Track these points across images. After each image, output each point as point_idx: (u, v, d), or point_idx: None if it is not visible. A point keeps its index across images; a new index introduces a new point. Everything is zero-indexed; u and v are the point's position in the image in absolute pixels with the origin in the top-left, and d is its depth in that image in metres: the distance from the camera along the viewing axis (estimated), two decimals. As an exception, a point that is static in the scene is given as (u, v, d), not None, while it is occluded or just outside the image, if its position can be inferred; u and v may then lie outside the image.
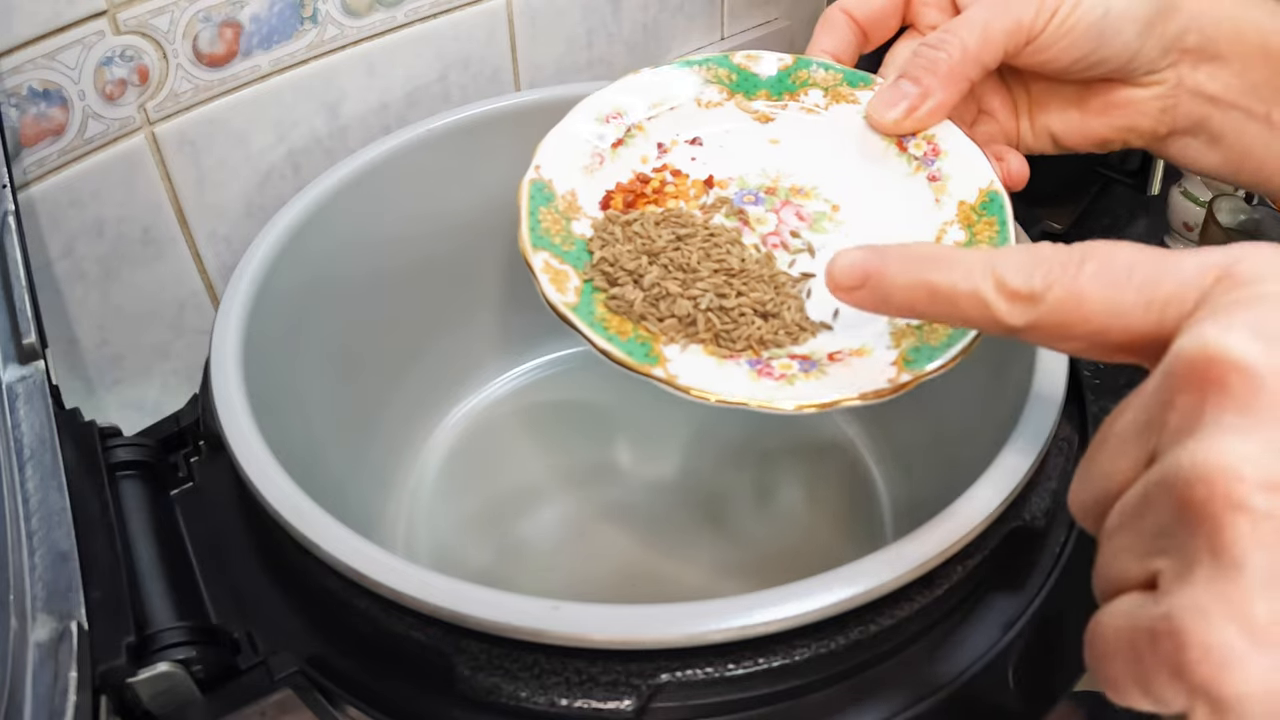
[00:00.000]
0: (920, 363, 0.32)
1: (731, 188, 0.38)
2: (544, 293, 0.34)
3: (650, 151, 0.40)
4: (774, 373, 0.33)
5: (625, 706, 0.29)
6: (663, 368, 0.33)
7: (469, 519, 0.52)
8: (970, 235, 0.36)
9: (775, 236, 0.37)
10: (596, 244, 0.36)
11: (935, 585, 0.32)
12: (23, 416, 0.34)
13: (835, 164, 0.38)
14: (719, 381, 0.32)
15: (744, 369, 0.33)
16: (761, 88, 0.40)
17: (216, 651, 0.32)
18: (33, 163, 0.45)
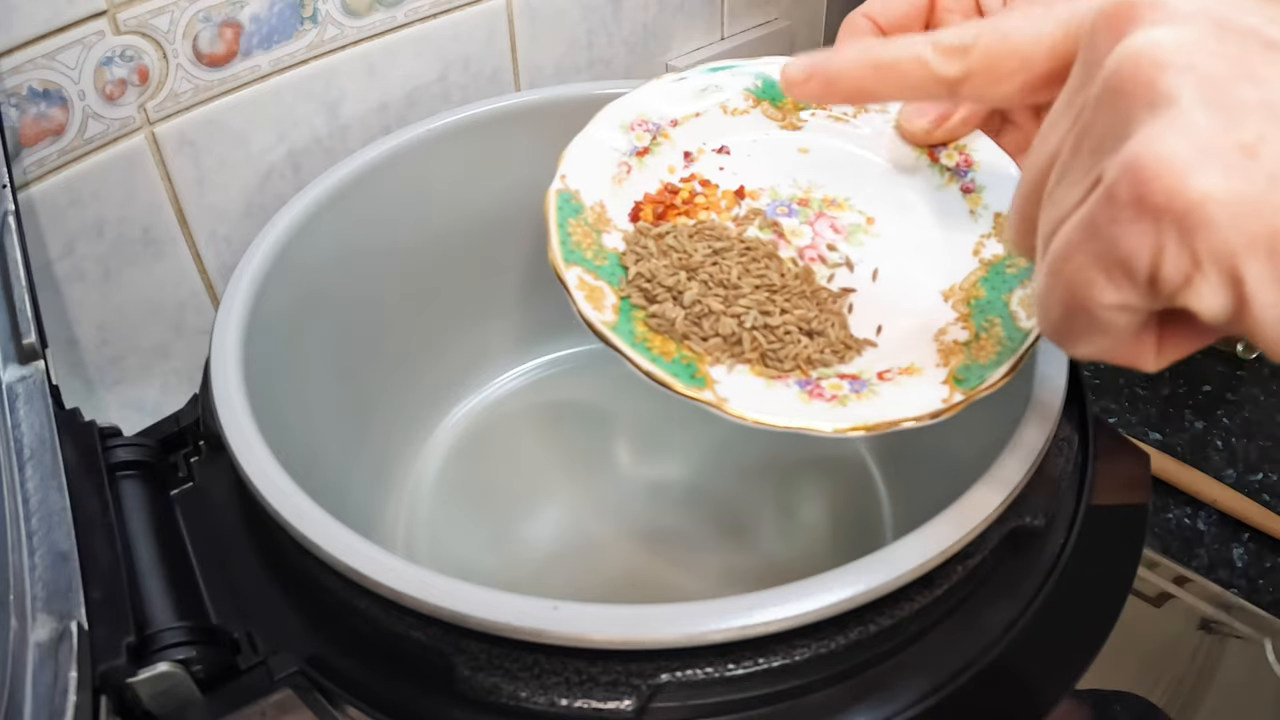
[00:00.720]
0: (971, 381, 0.32)
1: (764, 199, 0.37)
2: (581, 311, 0.34)
3: (677, 160, 0.38)
4: (825, 394, 0.32)
5: (625, 706, 0.29)
6: (711, 390, 0.31)
7: (469, 519, 0.52)
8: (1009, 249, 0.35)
9: (812, 250, 0.36)
10: (630, 258, 0.35)
11: (935, 585, 0.32)
12: (23, 416, 0.34)
13: (867, 174, 0.38)
14: (770, 404, 0.31)
15: (794, 390, 0.32)
16: (785, 98, 0.38)
17: (216, 651, 0.32)
18: (33, 163, 0.45)
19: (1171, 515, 0.57)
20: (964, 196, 0.36)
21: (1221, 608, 0.52)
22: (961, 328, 0.34)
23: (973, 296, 0.35)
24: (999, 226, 0.36)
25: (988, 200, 0.36)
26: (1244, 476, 0.59)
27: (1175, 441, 0.61)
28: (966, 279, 0.35)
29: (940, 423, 0.31)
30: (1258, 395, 0.64)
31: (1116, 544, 0.37)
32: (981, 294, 0.35)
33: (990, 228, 0.36)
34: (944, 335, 0.34)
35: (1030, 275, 0.34)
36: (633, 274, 0.35)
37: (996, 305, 0.34)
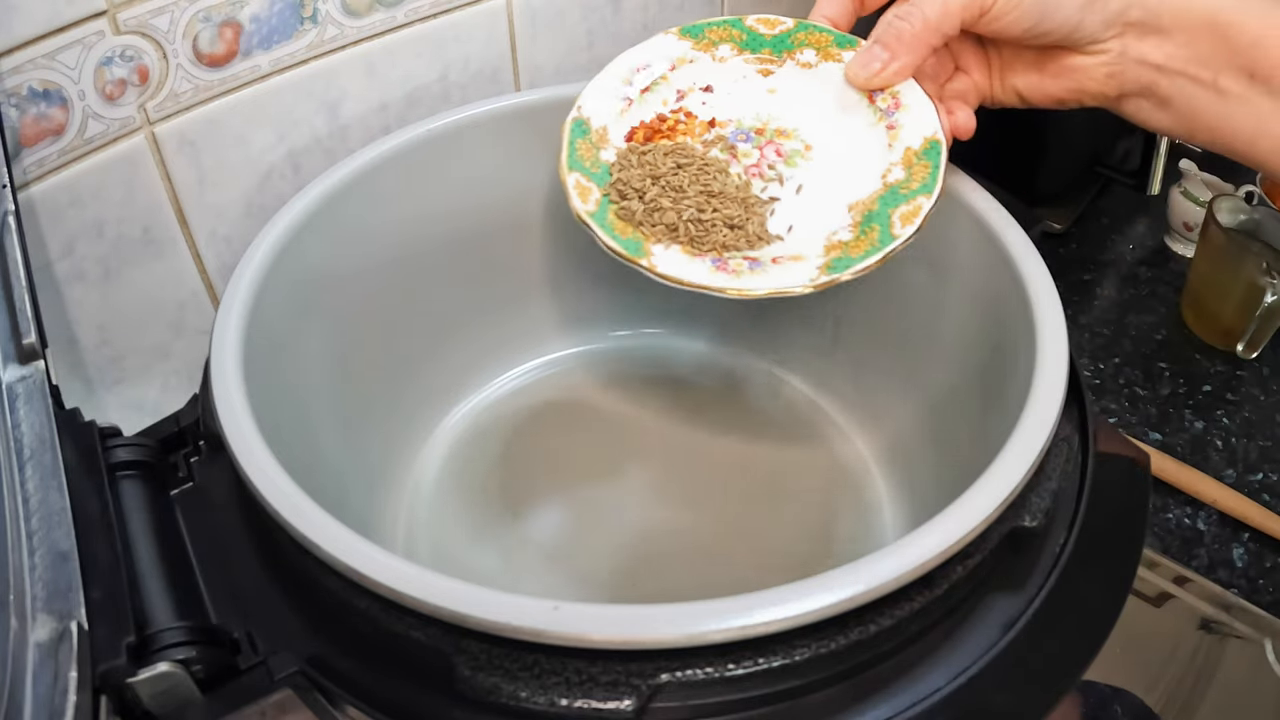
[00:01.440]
0: (838, 269, 0.41)
1: (729, 128, 0.47)
2: (571, 203, 0.43)
3: (670, 96, 0.47)
4: (728, 268, 0.42)
5: (625, 706, 0.29)
6: (647, 259, 0.42)
7: (469, 519, 0.52)
8: (908, 174, 0.43)
9: (755, 168, 0.46)
10: (616, 168, 0.45)
11: (935, 585, 0.32)
12: (23, 416, 0.34)
13: (817, 111, 0.46)
14: (687, 270, 0.42)
15: (707, 265, 0.42)
16: (765, 46, 0.47)
17: (216, 651, 0.32)
18: (33, 163, 0.45)
19: (1171, 515, 0.57)
20: (887, 132, 0.44)
21: (1221, 608, 0.52)
22: (848, 231, 0.43)
23: (868, 209, 0.44)
24: (905, 158, 0.44)
25: (904, 136, 0.44)
26: (1244, 476, 0.59)
27: (1175, 441, 0.61)
28: (869, 195, 0.44)
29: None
30: (1258, 395, 0.64)
31: (1116, 544, 0.37)
32: (875, 207, 0.43)
33: (900, 157, 0.44)
34: (834, 235, 0.43)
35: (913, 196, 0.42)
36: (615, 178, 0.45)
37: (881, 216, 0.43)
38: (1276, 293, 0.61)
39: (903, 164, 0.43)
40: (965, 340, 0.47)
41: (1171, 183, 0.75)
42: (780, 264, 0.42)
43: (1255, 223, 0.66)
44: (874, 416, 0.56)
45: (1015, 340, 0.41)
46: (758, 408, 0.58)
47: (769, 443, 0.56)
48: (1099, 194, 0.80)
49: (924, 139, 0.43)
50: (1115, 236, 0.77)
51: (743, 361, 0.61)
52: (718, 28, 0.47)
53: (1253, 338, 0.64)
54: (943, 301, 0.49)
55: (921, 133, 0.43)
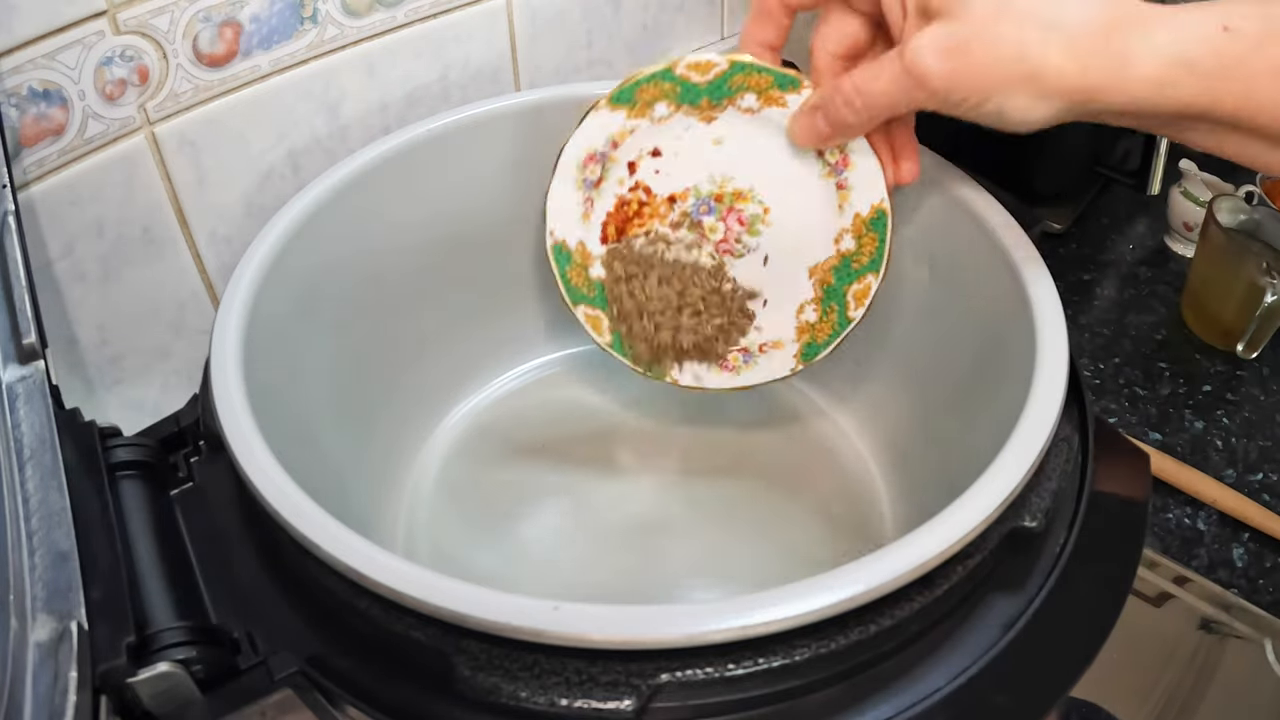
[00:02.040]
0: (809, 355, 0.49)
1: (690, 200, 0.47)
2: (590, 336, 0.49)
3: (623, 173, 0.46)
4: (729, 366, 0.50)
5: (625, 706, 0.29)
6: (669, 378, 0.50)
7: (469, 519, 0.52)
8: (858, 245, 0.46)
9: (724, 243, 0.48)
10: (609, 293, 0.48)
11: (935, 585, 0.32)
12: (23, 416, 0.34)
13: (767, 164, 0.45)
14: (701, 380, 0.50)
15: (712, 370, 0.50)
16: (702, 95, 0.44)
17: (216, 651, 0.32)
18: (33, 163, 0.45)
19: (1171, 515, 0.57)
20: (836, 191, 0.45)
21: (1221, 608, 0.52)
22: (813, 309, 0.48)
23: (825, 282, 0.47)
24: (855, 226, 0.45)
25: (854, 200, 0.45)
26: (1244, 476, 0.59)
27: (1175, 441, 0.61)
28: (825, 263, 0.47)
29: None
30: (1258, 395, 0.64)
31: (1116, 544, 0.37)
32: (831, 280, 0.47)
33: (850, 223, 0.45)
34: (801, 314, 0.48)
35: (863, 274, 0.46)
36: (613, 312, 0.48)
37: (838, 294, 0.47)
38: (1276, 293, 0.61)
39: (853, 232, 0.46)
40: (965, 340, 0.47)
41: (1171, 183, 0.75)
42: (766, 352, 0.49)
43: (1255, 223, 0.66)
44: (874, 416, 0.56)
45: (1015, 340, 0.41)
46: (757, 408, 0.58)
47: (768, 443, 0.56)
48: (1099, 194, 0.80)
49: (872, 207, 0.45)
50: (1115, 236, 0.77)
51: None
52: (648, 85, 0.43)
53: (1253, 338, 0.64)
54: (943, 301, 0.49)
55: (870, 200, 0.44)
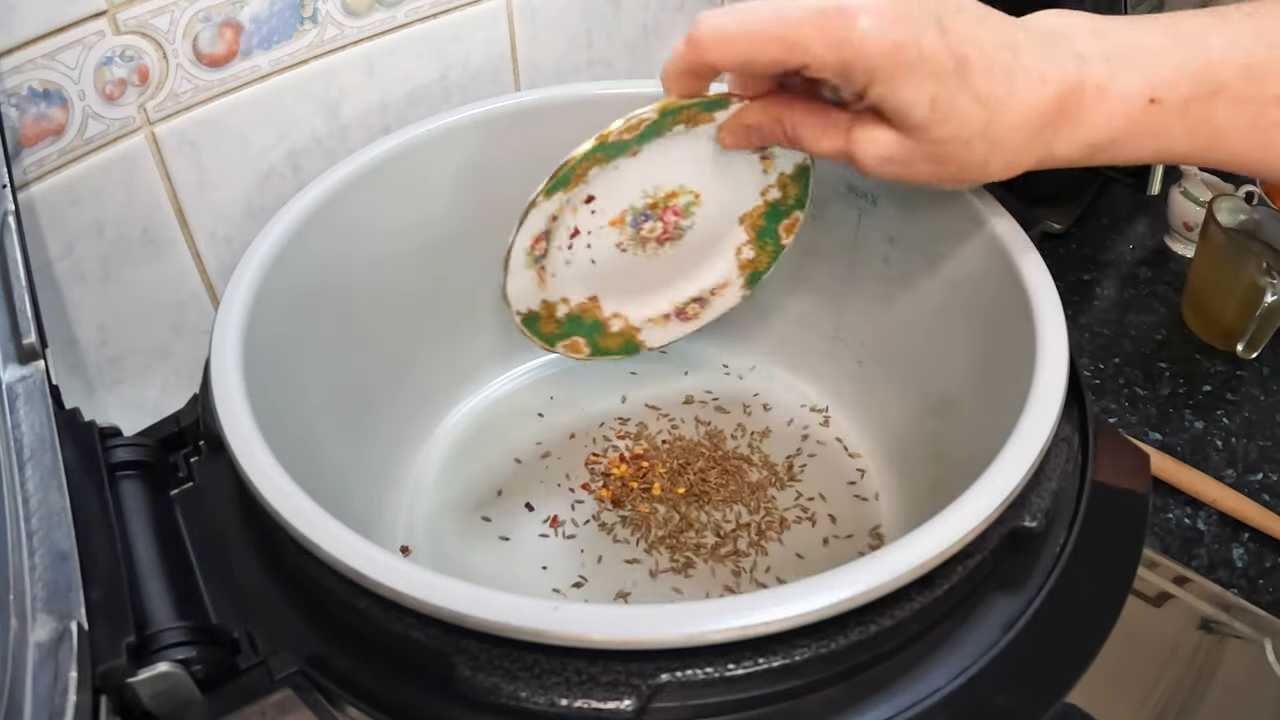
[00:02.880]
0: (754, 283, 0.53)
1: (629, 219, 0.48)
2: (576, 360, 0.52)
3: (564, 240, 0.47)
4: (689, 315, 0.53)
5: (625, 706, 0.29)
6: (643, 348, 0.53)
7: (469, 519, 0.52)
8: (783, 193, 0.49)
9: (666, 236, 0.49)
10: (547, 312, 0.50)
11: (935, 585, 0.32)
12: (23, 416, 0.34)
13: (695, 161, 0.47)
14: (668, 335, 0.53)
15: (674, 319, 0.53)
16: (631, 145, 0.44)
17: (216, 651, 0.32)
18: (33, 163, 0.45)
19: (1171, 515, 0.57)
20: (760, 162, 0.48)
21: (1221, 608, 0.52)
22: (750, 248, 0.51)
23: (756, 225, 0.50)
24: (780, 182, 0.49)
25: (778, 165, 0.48)
26: (1244, 476, 0.59)
27: (1175, 441, 0.61)
28: (754, 210, 0.50)
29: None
30: (1258, 395, 0.64)
31: (1116, 544, 0.37)
32: (762, 223, 0.50)
33: (775, 181, 0.48)
34: (740, 254, 0.51)
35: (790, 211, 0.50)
36: (562, 318, 0.50)
37: (770, 231, 0.51)
38: (1276, 293, 0.61)
39: (778, 186, 0.49)
40: (965, 340, 0.47)
41: (1171, 183, 0.75)
42: (718, 294, 0.52)
43: (1255, 223, 0.66)
44: (874, 416, 0.56)
45: (1015, 340, 0.41)
46: (758, 407, 0.58)
47: (769, 442, 0.56)
48: (1099, 194, 0.80)
49: (795, 165, 0.48)
50: (1115, 236, 0.77)
51: (743, 361, 0.61)
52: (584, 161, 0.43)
53: (1253, 338, 0.64)
54: (942, 301, 0.49)
55: (793, 160, 0.48)
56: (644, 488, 0.53)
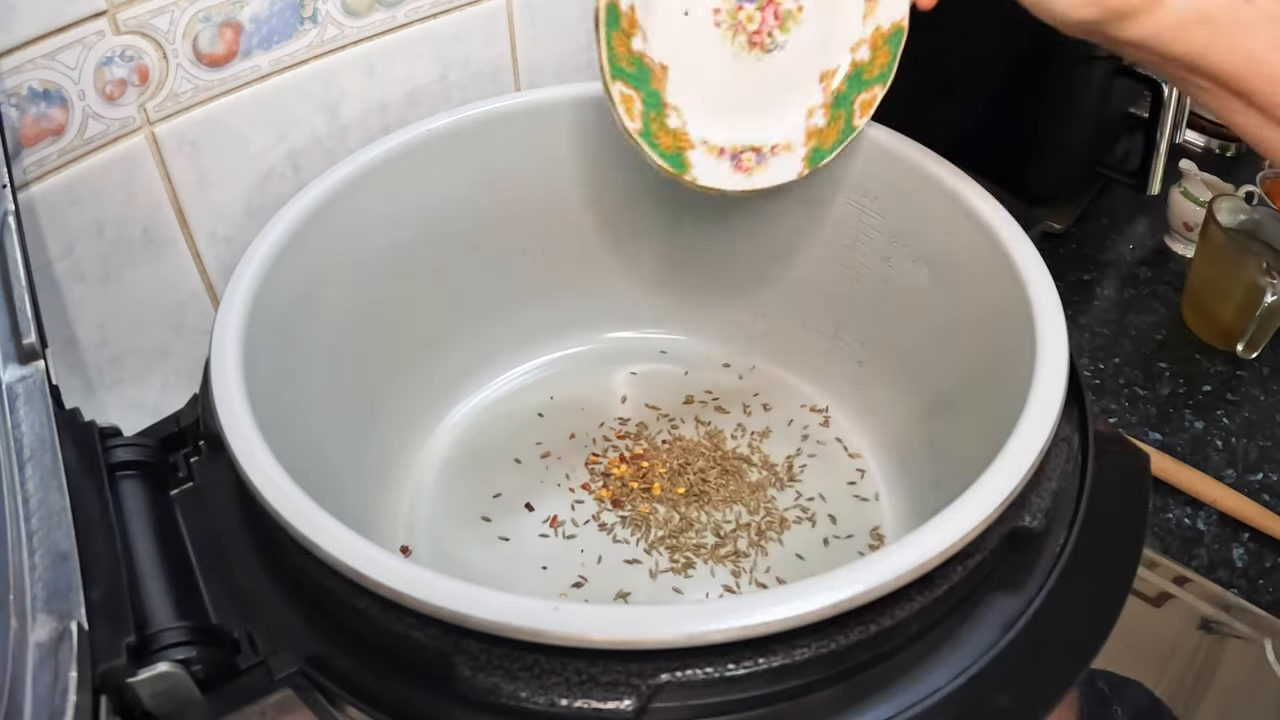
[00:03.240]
0: (814, 160, 0.50)
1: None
2: (621, 119, 0.45)
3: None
4: (743, 167, 0.49)
5: (625, 706, 0.29)
6: (689, 174, 0.48)
7: (469, 519, 0.52)
8: (872, 56, 0.49)
9: (758, 35, 0.47)
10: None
11: (935, 585, 0.32)
12: (23, 416, 0.34)
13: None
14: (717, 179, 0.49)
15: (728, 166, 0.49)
16: None
17: (216, 651, 0.32)
18: (33, 163, 0.45)
19: (1171, 515, 0.57)
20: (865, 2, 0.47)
21: (1221, 608, 0.52)
22: (822, 114, 0.49)
23: (836, 89, 0.49)
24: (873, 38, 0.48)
25: (878, 13, 0.48)
26: (1244, 476, 0.59)
27: (1175, 441, 0.61)
28: (837, 70, 0.49)
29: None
30: (1258, 395, 0.64)
31: (1116, 544, 0.37)
32: (842, 88, 0.49)
33: (869, 35, 0.48)
34: (811, 118, 0.49)
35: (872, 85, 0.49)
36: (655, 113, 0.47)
37: (846, 101, 0.49)
38: (1276, 293, 0.61)
39: (870, 44, 0.48)
40: (965, 340, 0.47)
41: (1171, 183, 0.75)
42: (776, 154, 0.50)
43: (1255, 223, 0.66)
44: (874, 416, 0.56)
45: (1015, 340, 0.41)
46: (758, 407, 0.58)
47: (770, 442, 0.56)
48: (1099, 194, 0.80)
49: (892, 23, 0.48)
50: (1115, 236, 0.77)
51: (743, 361, 0.61)
52: None
53: (1253, 338, 0.64)
54: (943, 301, 0.49)
55: (892, 16, 0.48)
56: (644, 488, 0.53)
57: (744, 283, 0.59)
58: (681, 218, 0.58)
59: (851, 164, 0.52)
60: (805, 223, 0.55)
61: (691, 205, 0.57)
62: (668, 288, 0.61)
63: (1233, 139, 0.85)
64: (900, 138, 0.50)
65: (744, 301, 0.60)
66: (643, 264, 0.60)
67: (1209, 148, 0.86)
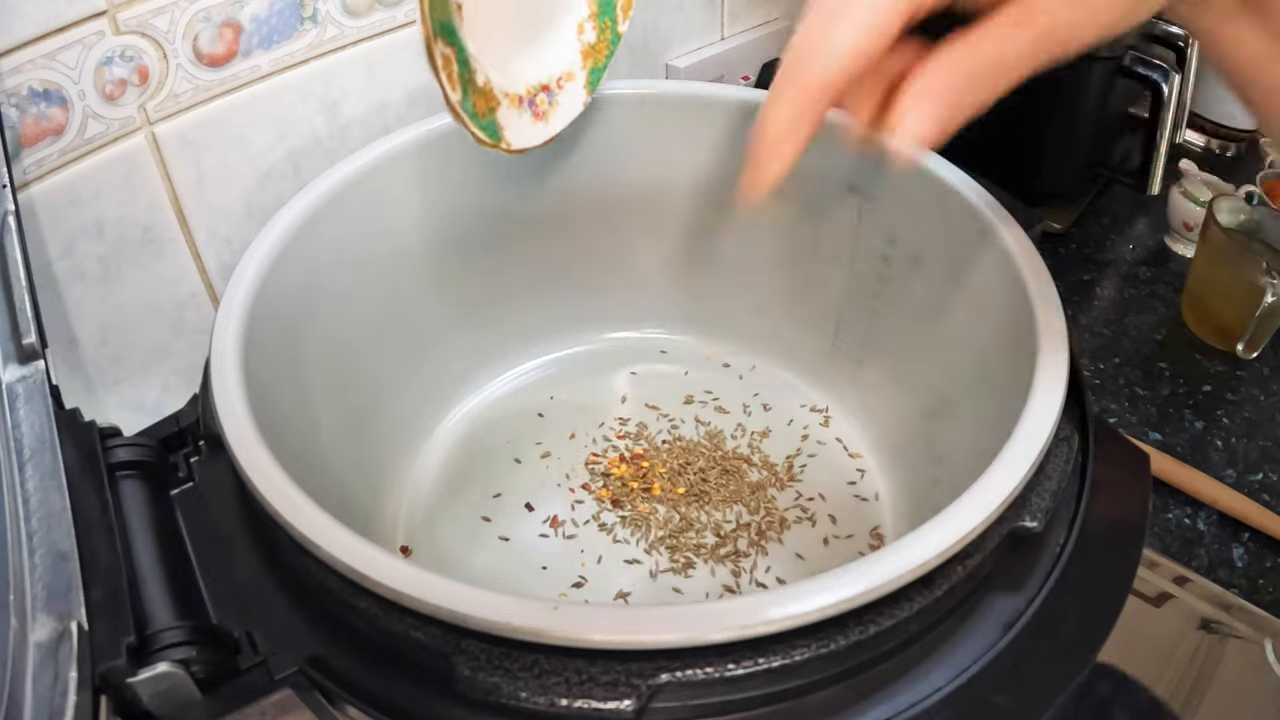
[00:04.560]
0: (594, 84, 0.49)
1: None
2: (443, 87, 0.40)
3: None
4: (542, 114, 0.47)
5: (625, 706, 0.29)
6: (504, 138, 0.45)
7: (469, 519, 0.52)
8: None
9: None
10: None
11: (935, 585, 0.32)
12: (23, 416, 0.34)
13: None
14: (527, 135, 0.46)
15: (528, 118, 0.47)
16: None
17: (216, 651, 0.32)
18: (33, 163, 0.45)
19: (1171, 515, 0.57)
20: None
21: (1221, 608, 0.52)
22: (591, 25, 0.48)
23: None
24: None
25: None
26: (1244, 476, 0.59)
27: (1175, 441, 0.61)
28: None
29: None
30: (1258, 395, 0.64)
31: (1116, 544, 0.37)
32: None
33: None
34: (582, 34, 0.48)
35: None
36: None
37: (610, 7, 0.48)
38: (1276, 293, 0.61)
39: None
40: (965, 340, 0.47)
41: (1171, 183, 0.75)
42: (563, 88, 0.48)
43: (1255, 223, 0.66)
44: (874, 416, 0.56)
45: (1015, 340, 0.41)
46: (758, 407, 0.58)
47: (770, 442, 0.56)
48: (1099, 194, 0.80)
49: None
50: (1115, 236, 0.77)
51: (743, 361, 0.61)
52: None
53: (1253, 338, 0.64)
54: (942, 301, 0.49)
55: None
56: (644, 488, 0.53)
57: (744, 283, 0.59)
58: (682, 217, 0.58)
59: (850, 164, 0.52)
60: (805, 223, 0.55)
61: (691, 205, 0.57)
62: (668, 288, 0.61)
63: (1233, 139, 0.85)
64: (900, 138, 0.50)
65: (744, 302, 0.60)
66: (643, 264, 0.60)
67: (1209, 148, 0.86)
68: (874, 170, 0.51)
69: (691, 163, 0.56)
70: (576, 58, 0.48)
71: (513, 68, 0.46)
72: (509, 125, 0.45)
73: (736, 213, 0.57)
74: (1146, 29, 0.71)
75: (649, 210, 0.57)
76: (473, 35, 0.42)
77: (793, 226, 0.55)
